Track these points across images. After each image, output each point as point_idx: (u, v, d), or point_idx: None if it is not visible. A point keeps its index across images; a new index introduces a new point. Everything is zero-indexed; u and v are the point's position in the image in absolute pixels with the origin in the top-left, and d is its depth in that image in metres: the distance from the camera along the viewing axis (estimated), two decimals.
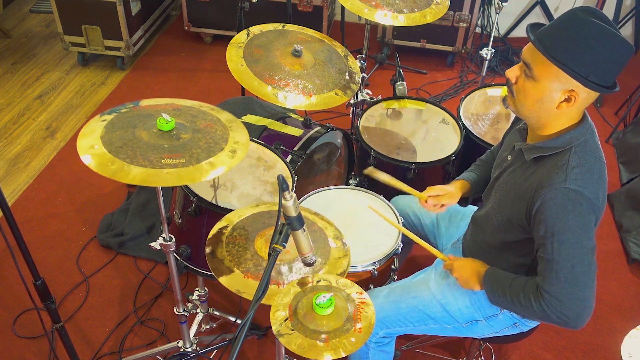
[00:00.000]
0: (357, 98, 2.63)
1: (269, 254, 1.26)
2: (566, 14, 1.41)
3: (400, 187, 1.93)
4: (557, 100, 1.45)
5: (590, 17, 1.37)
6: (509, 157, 1.65)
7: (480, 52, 2.84)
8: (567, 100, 1.44)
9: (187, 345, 2.12)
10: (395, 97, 2.66)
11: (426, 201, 1.87)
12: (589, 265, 1.46)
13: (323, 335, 1.33)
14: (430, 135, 2.53)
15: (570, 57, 1.38)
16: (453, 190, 1.89)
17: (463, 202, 1.95)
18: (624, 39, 1.37)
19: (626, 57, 1.40)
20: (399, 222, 2.02)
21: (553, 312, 1.49)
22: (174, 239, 1.79)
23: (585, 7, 1.40)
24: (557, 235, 1.45)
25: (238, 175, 2.09)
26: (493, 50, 2.84)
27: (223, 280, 1.54)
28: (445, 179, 2.52)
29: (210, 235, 1.66)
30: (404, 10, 2.26)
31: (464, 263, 1.74)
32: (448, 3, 2.36)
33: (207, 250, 1.62)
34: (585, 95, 1.44)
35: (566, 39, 1.38)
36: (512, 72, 1.51)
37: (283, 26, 2.23)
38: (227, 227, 1.68)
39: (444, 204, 1.88)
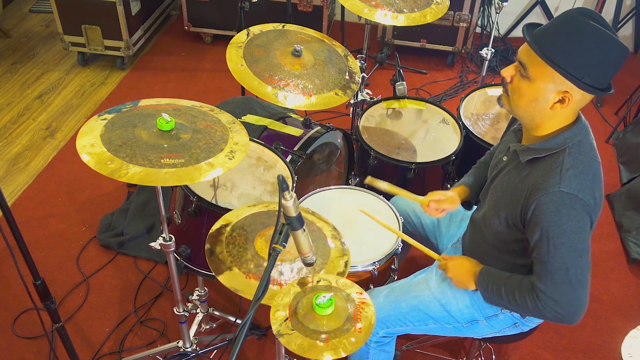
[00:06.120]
0: (357, 98, 2.63)
1: (269, 254, 1.26)
2: (563, 15, 1.41)
3: (401, 194, 1.93)
4: (551, 101, 1.45)
5: (587, 19, 1.37)
6: (505, 158, 1.66)
7: (480, 52, 2.84)
8: (561, 101, 1.45)
9: (187, 345, 2.12)
10: (395, 97, 2.66)
11: (428, 205, 1.86)
12: (583, 267, 1.48)
13: (323, 335, 1.33)
14: (430, 135, 2.53)
15: (565, 59, 1.38)
16: (453, 195, 1.89)
17: (467, 205, 1.95)
18: (619, 41, 1.37)
19: (621, 59, 1.40)
20: (398, 222, 2.02)
21: (549, 312, 1.52)
22: (174, 239, 1.79)
23: (583, 9, 1.40)
24: (552, 238, 1.46)
25: (238, 175, 2.09)
26: (493, 50, 2.84)
27: (222, 278, 1.54)
28: (445, 179, 2.52)
29: (210, 233, 1.66)
30: (404, 10, 2.26)
31: (459, 263, 1.74)
32: (448, 3, 2.36)
33: (207, 246, 1.62)
34: (580, 97, 1.44)
35: (562, 40, 1.38)
36: (508, 72, 1.51)
37: (283, 26, 2.23)
38: (227, 226, 1.68)
39: (444, 209, 1.87)
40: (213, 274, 1.56)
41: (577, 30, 1.37)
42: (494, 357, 2.33)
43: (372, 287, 1.94)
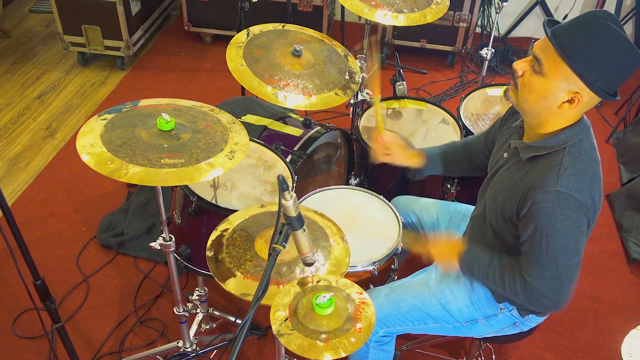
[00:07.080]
0: (357, 98, 2.63)
1: (269, 254, 1.26)
2: (587, 15, 1.40)
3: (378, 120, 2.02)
4: (560, 99, 1.45)
5: (609, 22, 1.37)
6: (505, 155, 1.66)
7: (480, 52, 2.84)
8: (570, 101, 1.44)
9: (187, 345, 2.12)
10: (395, 97, 2.66)
11: (380, 134, 1.95)
12: (573, 265, 1.51)
13: (323, 335, 1.33)
14: (430, 135, 2.53)
15: (583, 59, 1.38)
16: (410, 151, 1.96)
17: (411, 173, 1.99)
18: (637, 50, 1.37)
19: (634, 68, 1.41)
20: (398, 222, 2.03)
21: (537, 302, 1.56)
22: (174, 239, 1.79)
23: (606, 12, 1.40)
24: (546, 236, 1.47)
25: (238, 175, 2.09)
26: (493, 50, 2.84)
27: (226, 285, 1.53)
28: (445, 179, 2.52)
29: (210, 240, 1.65)
30: (404, 10, 2.26)
31: (439, 244, 1.77)
32: (448, 3, 2.36)
33: (209, 254, 1.61)
34: (588, 100, 1.44)
35: (582, 40, 1.38)
36: (520, 64, 1.50)
37: (283, 26, 2.23)
38: (227, 229, 1.68)
39: (391, 152, 1.95)
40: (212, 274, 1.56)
41: (600, 32, 1.37)
42: (494, 357, 2.33)
43: (372, 287, 1.94)
